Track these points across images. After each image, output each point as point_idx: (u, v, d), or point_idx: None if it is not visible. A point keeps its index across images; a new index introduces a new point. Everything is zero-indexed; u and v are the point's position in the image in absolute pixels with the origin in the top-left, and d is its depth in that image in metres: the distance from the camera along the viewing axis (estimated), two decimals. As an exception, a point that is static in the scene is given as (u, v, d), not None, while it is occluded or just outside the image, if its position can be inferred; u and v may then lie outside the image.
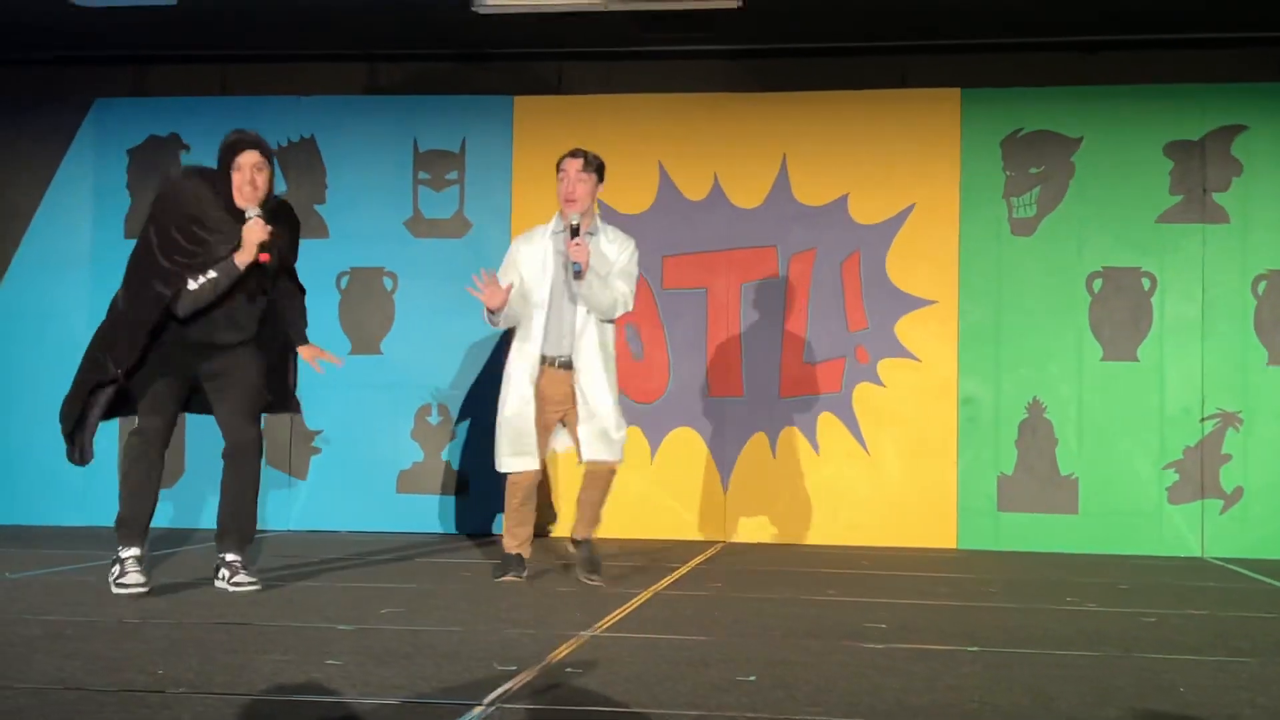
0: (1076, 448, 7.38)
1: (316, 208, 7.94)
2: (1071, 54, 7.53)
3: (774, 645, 4.09)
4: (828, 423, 7.60)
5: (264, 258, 4.95)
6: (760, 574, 6.14)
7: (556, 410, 5.53)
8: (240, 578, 5.05)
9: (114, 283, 5.23)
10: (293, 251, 5.31)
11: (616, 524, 7.59)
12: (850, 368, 7.61)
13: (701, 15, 6.24)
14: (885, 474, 7.53)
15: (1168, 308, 7.40)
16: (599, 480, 5.57)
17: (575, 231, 5.32)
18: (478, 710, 3.06)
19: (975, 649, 4.11)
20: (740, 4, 5.83)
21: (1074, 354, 7.40)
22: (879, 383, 7.57)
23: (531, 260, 5.52)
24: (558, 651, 3.87)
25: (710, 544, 7.42)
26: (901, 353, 7.55)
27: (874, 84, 7.66)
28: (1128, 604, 5.28)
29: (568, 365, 5.46)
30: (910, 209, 7.56)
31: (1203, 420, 7.34)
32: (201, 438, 7.84)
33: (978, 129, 7.55)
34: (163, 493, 5.24)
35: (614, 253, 5.52)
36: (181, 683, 3.31)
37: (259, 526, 5.48)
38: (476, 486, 7.71)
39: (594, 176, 5.50)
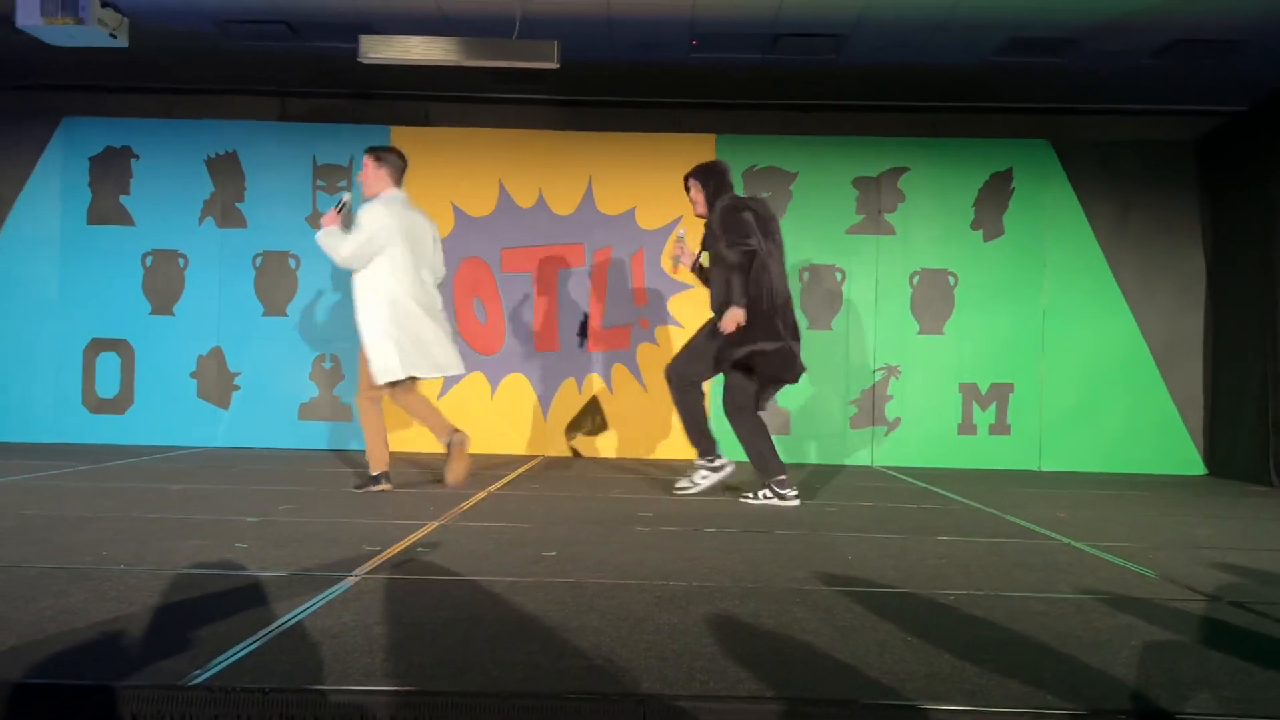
0: (790, 389, 7.57)
1: (237, 204, 7.59)
2: (790, 113, 7.70)
3: (571, 530, 4.12)
4: (619, 371, 7.66)
5: None
6: (567, 479, 6.16)
7: None
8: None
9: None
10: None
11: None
12: (635, 331, 7.68)
13: (531, 71, 6.15)
14: (655, 407, 7.63)
15: (853, 293, 7.67)
16: None
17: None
18: (348, 580, 3.02)
19: (712, 530, 4.22)
20: (558, 65, 5.77)
21: (789, 324, 7.62)
22: (655, 342, 7.65)
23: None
24: (412, 536, 3.83)
25: (533, 458, 7.41)
26: (671, 322, 7.65)
27: (651, 128, 7.70)
28: (817, 498, 5.48)
29: None
30: (679, 219, 7.64)
31: (874, 371, 7.66)
32: (149, 372, 7.49)
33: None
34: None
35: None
36: (120, 562, 3.17)
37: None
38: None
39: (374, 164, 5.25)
